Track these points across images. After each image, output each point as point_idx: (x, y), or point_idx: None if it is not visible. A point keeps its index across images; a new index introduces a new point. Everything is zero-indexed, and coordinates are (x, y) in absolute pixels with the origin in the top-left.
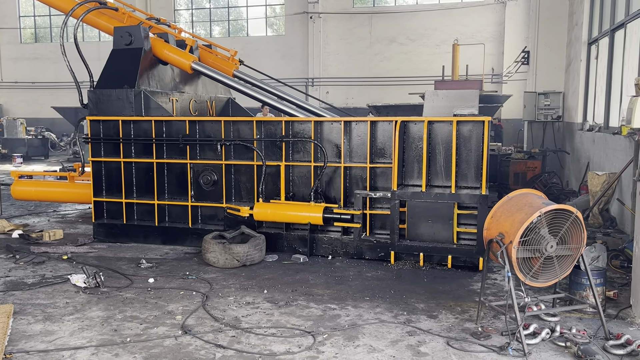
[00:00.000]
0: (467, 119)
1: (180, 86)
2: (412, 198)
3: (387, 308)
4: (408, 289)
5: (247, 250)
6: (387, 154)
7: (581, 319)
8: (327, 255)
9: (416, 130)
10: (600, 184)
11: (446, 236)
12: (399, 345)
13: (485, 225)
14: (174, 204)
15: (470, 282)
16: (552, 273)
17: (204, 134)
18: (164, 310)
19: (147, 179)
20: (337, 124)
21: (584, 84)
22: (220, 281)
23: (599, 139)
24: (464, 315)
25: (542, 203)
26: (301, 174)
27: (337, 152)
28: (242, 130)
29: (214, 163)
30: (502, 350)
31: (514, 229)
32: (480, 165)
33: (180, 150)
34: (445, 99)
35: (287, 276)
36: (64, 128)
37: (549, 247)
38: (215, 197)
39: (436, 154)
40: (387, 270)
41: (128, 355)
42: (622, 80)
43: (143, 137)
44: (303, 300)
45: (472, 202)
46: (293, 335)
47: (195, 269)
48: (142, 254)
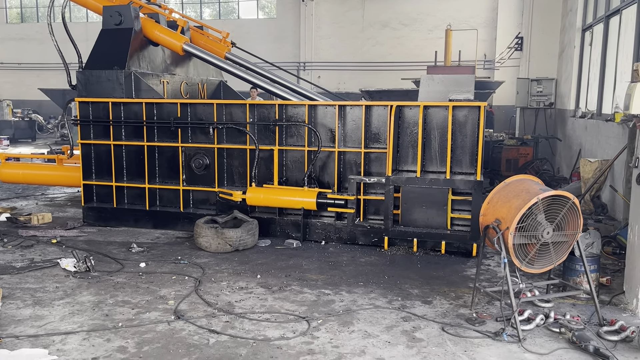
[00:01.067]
0: (463, 104)
1: (171, 68)
2: (406, 184)
3: (382, 293)
4: (402, 275)
5: (240, 235)
6: (382, 139)
7: (575, 305)
8: (321, 240)
9: (411, 115)
10: (593, 170)
11: (440, 222)
12: (394, 330)
13: (482, 211)
14: (165, 187)
15: (464, 267)
16: (547, 259)
17: (195, 116)
18: (156, 295)
19: (138, 162)
20: (332, 108)
21: (577, 71)
22: (213, 266)
23: (591, 125)
24: (459, 301)
25: (540, 189)
26: (295, 158)
27: (331, 137)
28: (235, 114)
29: (206, 147)
30: (497, 335)
31: (511, 215)
32: (475, 151)
33: (172, 133)
34: (440, 83)
35: (281, 261)
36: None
37: (545, 233)
38: (207, 181)
39: (431, 140)
40: (381, 256)
41: (120, 340)
42: (616, 67)
43: (133, 119)
44: (297, 286)
45: (466, 188)
46: (287, 320)
47: (187, 253)
48: (133, 238)
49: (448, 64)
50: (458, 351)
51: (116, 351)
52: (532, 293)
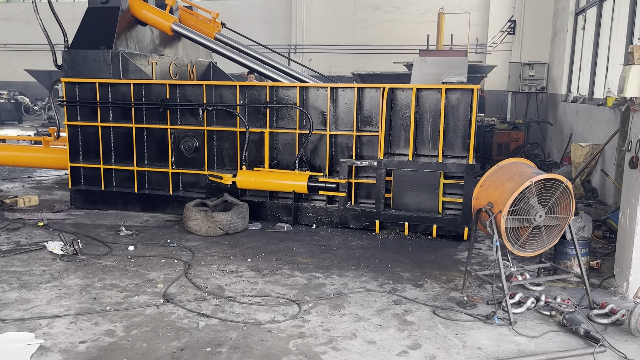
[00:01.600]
0: (456, 86)
1: (160, 49)
2: (398, 167)
3: (373, 277)
4: (393, 258)
5: (230, 219)
6: (374, 122)
7: (565, 289)
8: (312, 224)
9: (404, 98)
10: (584, 155)
11: (432, 206)
12: (385, 314)
13: (474, 195)
14: (154, 170)
15: (455, 251)
16: (539, 243)
17: (185, 98)
18: (145, 278)
19: (126, 145)
20: (323, 90)
21: (569, 55)
22: (203, 249)
23: (583, 110)
24: (450, 285)
25: (533, 172)
26: (286, 141)
27: (323, 120)
28: (225, 95)
29: (196, 129)
30: (488, 319)
31: (504, 198)
32: (468, 135)
33: (161, 115)
34: (433, 66)
35: (271, 245)
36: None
37: (537, 217)
38: (197, 164)
39: (423, 123)
40: (372, 240)
41: (108, 324)
42: (609, 51)
43: (121, 100)
44: (287, 269)
45: (458, 172)
46: (278, 304)
47: (176, 236)
48: (122, 221)
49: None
50: (449, 334)
51: (104, 335)
52: (523, 276)
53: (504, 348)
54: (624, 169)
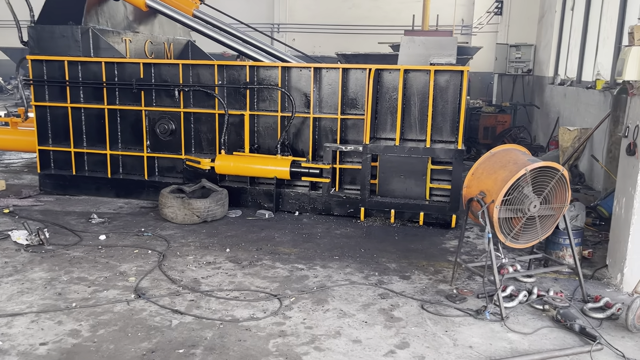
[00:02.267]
0: (445, 68)
1: (134, 25)
2: (384, 152)
3: (358, 268)
4: (379, 248)
5: (208, 206)
6: (359, 105)
7: (557, 280)
8: (294, 211)
9: (390, 80)
10: (572, 139)
11: (419, 192)
12: (371, 309)
13: (465, 183)
14: (128, 154)
15: (443, 240)
16: (533, 234)
17: (160, 78)
18: (116, 270)
19: (98, 127)
20: (307, 70)
21: (557, 37)
22: (179, 238)
23: (570, 93)
24: (438, 276)
25: (528, 160)
26: (267, 124)
27: (306, 102)
28: (203, 75)
29: (172, 111)
30: (479, 314)
31: (497, 187)
32: (457, 119)
33: (134, 96)
34: (422, 46)
35: (252, 233)
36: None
37: (532, 207)
38: (173, 147)
39: (411, 106)
40: (357, 228)
41: (73, 323)
42: (599, 32)
43: (92, 80)
44: (268, 260)
45: (447, 158)
46: (257, 298)
47: (151, 224)
48: (94, 207)
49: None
50: (439, 331)
51: (68, 335)
52: (514, 267)
53: (497, 346)
54: (620, 156)
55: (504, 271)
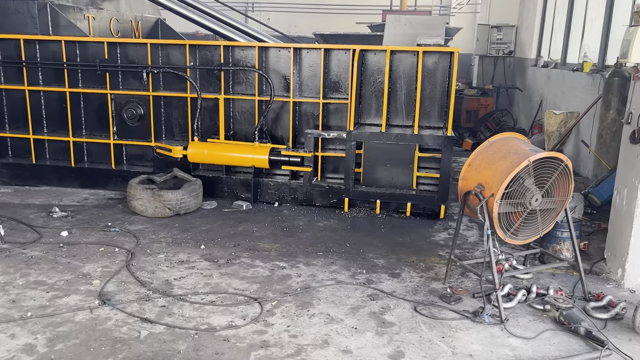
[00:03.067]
0: (435, 49)
1: (97, 2)
2: (370, 139)
3: (344, 265)
4: (365, 242)
5: (181, 197)
6: (342, 88)
7: (554, 275)
8: (273, 201)
9: (375, 62)
10: (557, 123)
11: (405, 181)
12: (360, 313)
13: (462, 175)
14: (93, 141)
15: (431, 232)
16: (533, 229)
17: (126, 59)
18: (79, 272)
19: (60, 112)
20: (286, 51)
21: (540, 17)
22: (149, 234)
23: (555, 75)
24: (429, 273)
25: (529, 150)
26: (243, 109)
27: (285, 85)
28: (173, 56)
29: (140, 94)
30: (477, 316)
31: (497, 180)
32: (446, 103)
33: (99, 79)
34: (408, 25)
35: (228, 227)
36: None
37: (534, 200)
38: (143, 134)
39: (397, 90)
40: (341, 219)
41: (28, 336)
42: (586, 13)
43: (52, 61)
44: (247, 257)
45: (435, 145)
46: (236, 302)
47: (119, 218)
48: (56, 199)
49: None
50: (435, 337)
51: (21, 351)
52: (510, 263)
53: (499, 354)
54: (622, 144)
55: (499, 267)
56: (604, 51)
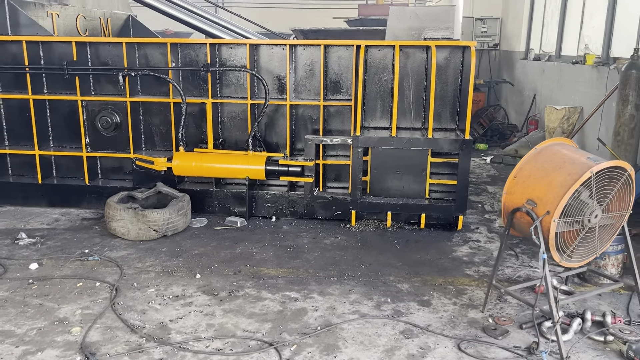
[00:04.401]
0: (448, 43)
1: None
2: (379, 145)
3: (364, 293)
4: (381, 261)
5: (168, 217)
6: (344, 89)
7: (601, 296)
8: (270, 216)
9: (379, 59)
10: (559, 119)
11: (418, 190)
12: (397, 356)
13: (506, 189)
14: (63, 154)
15: (451, 246)
16: (590, 248)
17: (98, 60)
18: (54, 317)
19: (23, 122)
20: (279, 48)
21: (528, 9)
22: (134, 262)
23: (550, 69)
24: (462, 299)
25: (587, 159)
26: (233, 114)
27: (280, 86)
28: (152, 57)
29: (115, 100)
30: (532, 354)
31: (553, 195)
32: (458, 102)
33: (67, 83)
34: (414, 18)
35: (224, 249)
36: None
37: (593, 216)
38: (120, 144)
39: (404, 89)
40: (348, 235)
41: None
42: (584, 3)
43: (11, 64)
44: (252, 287)
45: (452, 149)
46: (248, 349)
47: (97, 243)
48: (22, 222)
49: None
50: None
51: None
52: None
53: None
54: None
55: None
56: (608, 43)
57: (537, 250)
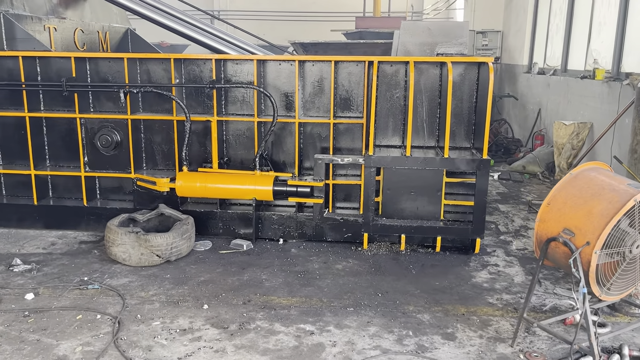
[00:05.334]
0: (462, 59)
1: (59, 10)
2: (393, 164)
3: (383, 325)
4: (397, 289)
5: (172, 241)
6: (353, 106)
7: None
8: (277, 238)
9: (391, 75)
10: (568, 135)
11: (432, 211)
12: None
13: (539, 216)
14: (60, 174)
15: (469, 271)
16: (629, 280)
17: (98, 77)
18: (52, 354)
19: (19, 140)
20: (288, 64)
21: (531, 22)
22: (137, 290)
23: (556, 83)
24: (488, 331)
25: (628, 185)
26: (238, 132)
27: (288, 103)
28: (155, 72)
29: (116, 118)
30: None
31: (593, 225)
32: (472, 121)
33: (66, 100)
34: (426, 32)
35: (231, 275)
36: None
37: (635, 247)
38: (120, 164)
39: (417, 106)
40: (361, 259)
41: None
42: (592, 17)
43: (7, 79)
44: (263, 319)
45: (469, 169)
46: None
47: (96, 269)
48: (16, 246)
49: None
50: None
51: None
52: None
53: None
54: None
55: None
56: (618, 57)
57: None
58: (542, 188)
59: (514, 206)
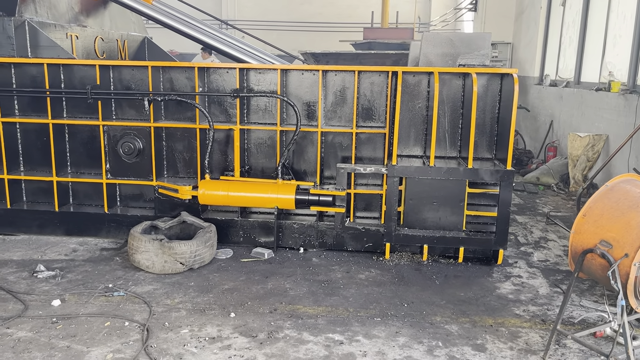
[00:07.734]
0: (486, 70)
1: (81, 18)
2: (416, 174)
3: (412, 336)
4: (423, 299)
5: (195, 249)
6: (375, 116)
7: None
8: (298, 247)
9: (413, 85)
10: (583, 147)
11: (455, 222)
12: None
13: (575, 228)
14: (81, 181)
15: (493, 282)
16: None
17: (122, 84)
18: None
19: (41, 146)
20: (310, 74)
21: (543, 34)
22: (162, 298)
23: (569, 95)
24: (518, 343)
25: None
26: (260, 140)
27: (310, 113)
28: (177, 81)
29: (139, 125)
30: None
31: (632, 236)
32: (495, 132)
33: (89, 107)
34: (448, 44)
35: (255, 284)
36: None
37: None
38: (141, 171)
39: (439, 116)
40: (383, 269)
41: None
42: (606, 29)
43: (31, 87)
44: (291, 328)
45: (493, 180)
46: None
47: (120, 276)
48: (38, 252)
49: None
50: None
51: None
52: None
53: None
54: None
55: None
56: (634, 70)
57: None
58: (557, 200)
59: (531, 217)
